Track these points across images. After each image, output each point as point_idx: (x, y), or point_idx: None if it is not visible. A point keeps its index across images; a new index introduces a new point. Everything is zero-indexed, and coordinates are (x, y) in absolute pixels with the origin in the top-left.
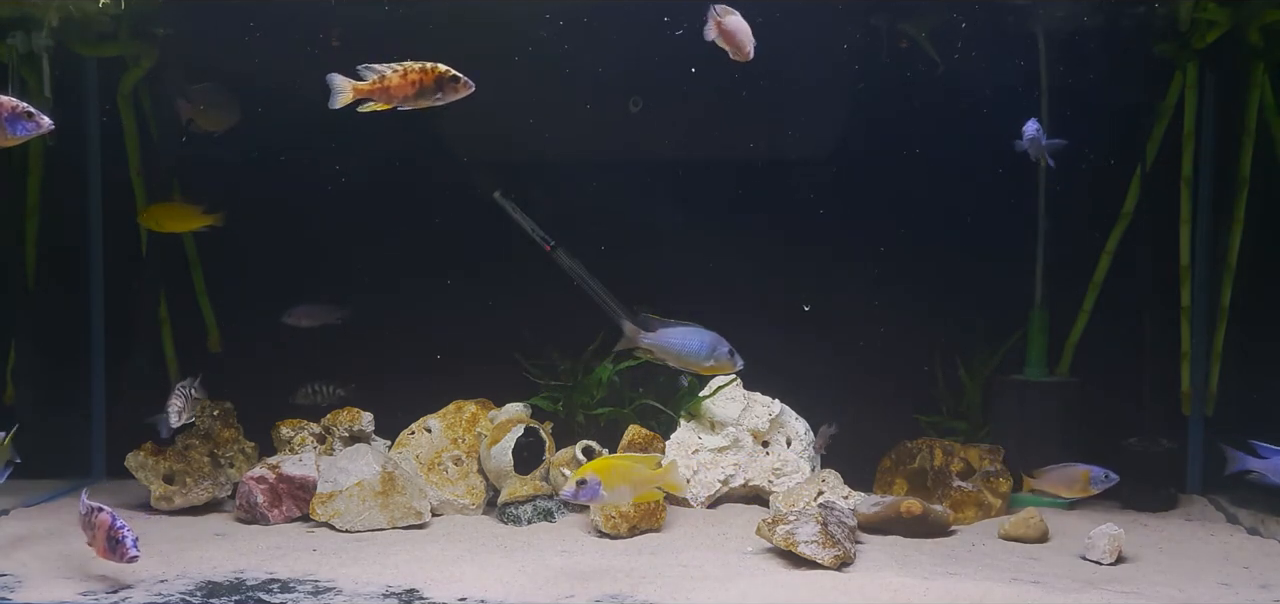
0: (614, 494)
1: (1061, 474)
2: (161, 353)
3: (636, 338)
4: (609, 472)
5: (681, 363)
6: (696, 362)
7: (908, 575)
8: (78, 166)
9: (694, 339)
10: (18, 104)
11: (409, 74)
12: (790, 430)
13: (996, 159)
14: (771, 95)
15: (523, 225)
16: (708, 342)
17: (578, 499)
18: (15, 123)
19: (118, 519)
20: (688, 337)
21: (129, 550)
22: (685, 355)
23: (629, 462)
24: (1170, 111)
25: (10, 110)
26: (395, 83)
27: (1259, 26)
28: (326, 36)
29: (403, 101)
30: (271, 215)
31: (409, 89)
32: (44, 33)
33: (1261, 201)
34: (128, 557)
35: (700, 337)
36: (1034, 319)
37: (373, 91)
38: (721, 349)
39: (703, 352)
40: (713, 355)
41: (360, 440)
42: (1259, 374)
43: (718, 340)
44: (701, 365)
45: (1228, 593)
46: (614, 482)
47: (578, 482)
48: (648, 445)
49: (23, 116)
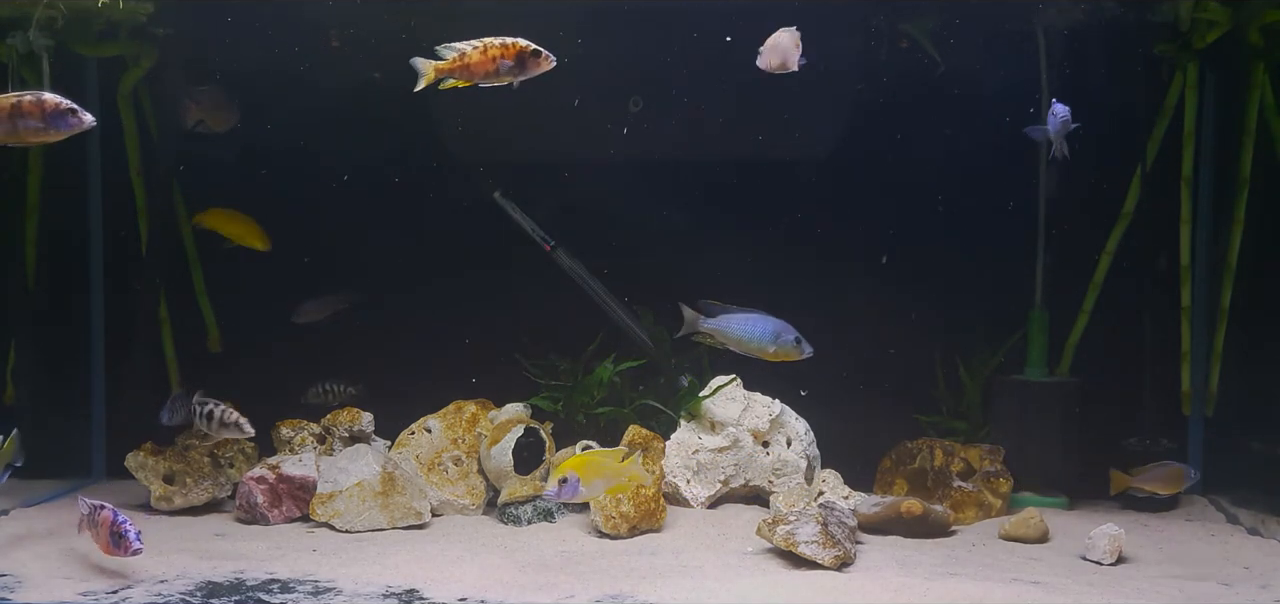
0: (590, 488)
1: (1160, 472)
2: (161, 353)
3: (697, 322)
4: (583, 467)
5: (743, 349)
6: (759, 348)
7: (908, 576)
8: (78, 166)
9: (758, 325)
10: (61, 101)
11: (490, 50)
12: (790, 430)
13: (997, 159)
14: (770, 96)
15: (523, 225)
16: (772, 328)
17: (560, 497)
18: (59, 118)
19: (119, 514)
20: (752, 323)
21: (132, 544)
22: (748, 341)
23: (599, 456)
24: (1170, 111)
25: (54, 107)
26: (475, 60)
27: (1259, 26)
28: (325, 37)
29: (483, 78)
30: (271, 215)
31: (490, 65)
32: (31, 29)
33: (1261, 201)
34: (131, 550)
35: (764, 323)
36: (1034, 319)
37: (454, 69)
38: (787, 336)
39: (766, 338)
40: (777, 342)
41: (360, 441)
42: (1259, 374)
43: (784, 327)
44: (764, 352)
45: (1228, 593)
46: (589, 476)
47: (559, 480)
48: (647, 445)
49: (67, 113)
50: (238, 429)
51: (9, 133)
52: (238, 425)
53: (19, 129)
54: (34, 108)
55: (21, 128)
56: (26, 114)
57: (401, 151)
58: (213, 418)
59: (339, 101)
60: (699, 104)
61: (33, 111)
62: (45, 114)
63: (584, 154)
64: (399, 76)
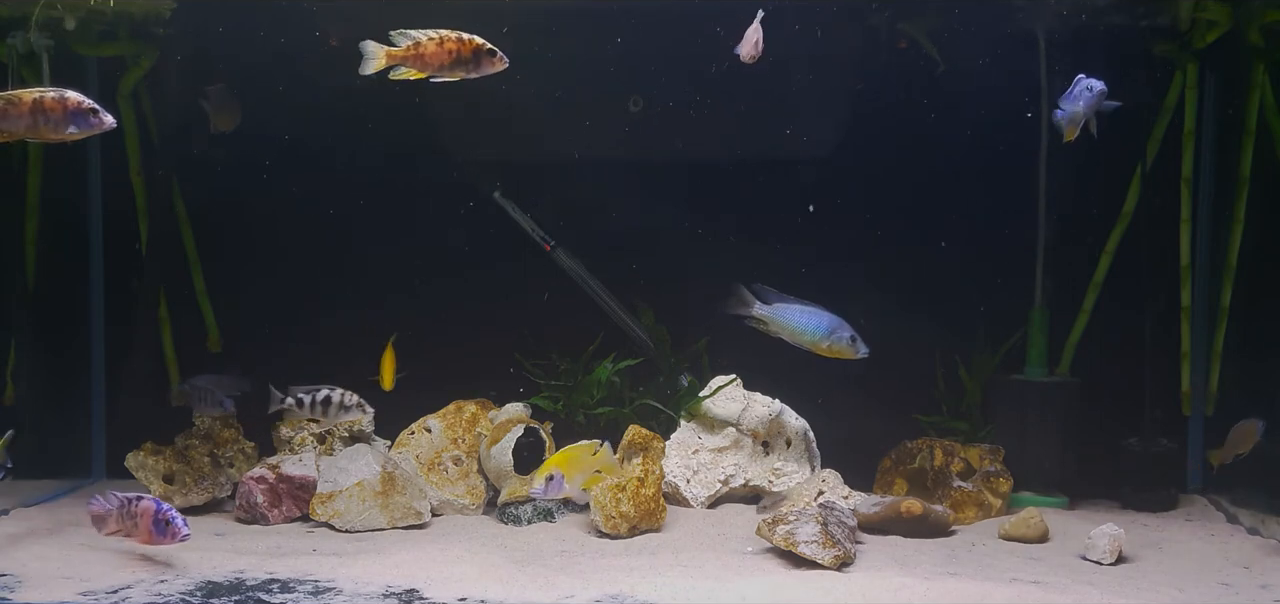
0: (572, 484)
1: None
2: (161, 353)
3: (751, 307)
4: (565, 464)
5: (794, 339)
6: (812, 342)
7: (908, 575)
8: (78, 167)
9: (814, 318)
10: (83, 99)
11: (445, 42)
12: (790, 430)
13: (997, 158)
14: (769, 96)
15: (523, 225)
16: (828, 323)
17: (547, 494)
18: (80, 117)
19: (161, 503)
20: (808, 315)
21: (180, 530)
22: (801, 333)
23: (577, 451)
24: (1170, 111)
25: (76, 105)
26: (430, 51)
27: (1259, 26)
28: (325, 36)
29: (437, 71)
30: (271, 215)
31: (445, 58)
32: (30, 28)
33: (1261, 201)
34: (180, 536)
35: (820, 317)
36: (1034, 319)
37: (407, 57)
38: (842, 333)
39: (821, 332)
40: (831, 337)
41: (360, 440)
42: (1259, 374)
43: (840, 324)
44: (818, 346)
45: (1228, 593)
46: (571, 473)
47: (546, 477)
48: (647, 445)
49: (88, 112)
50: (360, 410)
51: (29, 128)
52: (361, 406)
53: (39, 125)
54: (56, 105)
55: (42, 124)
56: (49, 111)
57: (401, 152)
58: (330, 404)
59: (339, 101)
60: (697, 101)
61: (55, 109)
62: (67, 112)
63: (580, 155)
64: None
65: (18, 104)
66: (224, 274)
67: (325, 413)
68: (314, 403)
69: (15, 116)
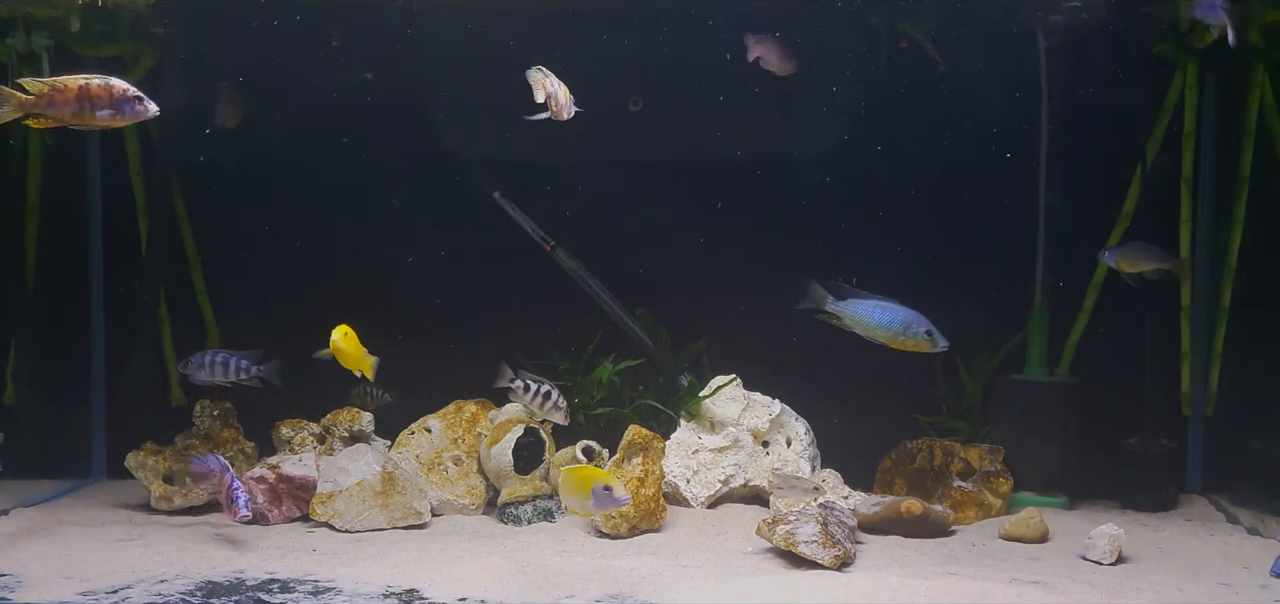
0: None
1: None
2: (161, 353)
3: (823, 301)
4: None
5: (869, 334)
6: (888, 337)
7: (908, 575)
8: (78, 166)
9: (889, 313)
10: (129, 87)
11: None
12: (790, 430)
13: (997, 158)
14: (768, 96)
15: (523, 225)
16: (904, 317)
17: (600, 508)
18: (125, 104)
19: (235, 481)
20: (883, 310)
21: (240, 510)
22: (876, 327)
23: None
24: (1170, 111)
25: (121, 93)
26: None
27: (1259, 26)
28: (326, 37)
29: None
30: (271, 215)
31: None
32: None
33: (1261, 201)
34: (238, 516)
35: (896, 311)
36: (1034, 319)
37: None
38: (918, 327)
39: (896, 326)
40: (907, 332)
41: (360, 440)
42: (1259, 374)
43: (916, 318)
44: (893, 341)
45: (1228, 593)
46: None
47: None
48: (647, 445)
49: (134, 99)
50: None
51: (75, 115)
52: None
53: (84, 112)
54: (102, 92)
55: (87, 111)
56: (95, 98)
57: (401, 151)
58: (549, 399)
59: (339, 100)
60: (703, 101)
61: (101, 96)
62: (113, 99)
63: (578, 155)
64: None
65: (64, 91)
66: (224, 274)
67: (541, 406)
68: (536, 394)
69: (61, 104)
